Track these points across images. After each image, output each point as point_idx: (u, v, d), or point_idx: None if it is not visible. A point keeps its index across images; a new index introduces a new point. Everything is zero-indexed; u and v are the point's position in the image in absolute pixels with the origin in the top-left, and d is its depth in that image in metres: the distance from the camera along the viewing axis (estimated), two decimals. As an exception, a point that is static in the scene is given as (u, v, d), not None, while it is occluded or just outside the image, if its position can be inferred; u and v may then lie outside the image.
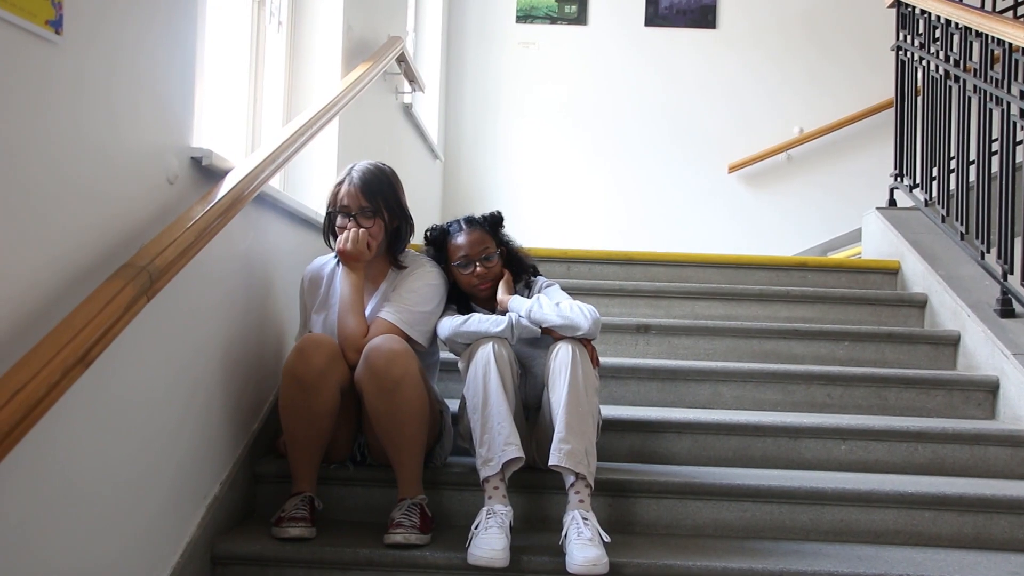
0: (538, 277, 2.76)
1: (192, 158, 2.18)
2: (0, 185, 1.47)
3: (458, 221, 2.67)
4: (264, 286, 2.72)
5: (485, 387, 2.34)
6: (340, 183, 2.55)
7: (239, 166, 2.30)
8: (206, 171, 2.24)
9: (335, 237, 2.56)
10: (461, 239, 2.62)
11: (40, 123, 1.57)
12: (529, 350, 2.57)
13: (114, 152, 1.83)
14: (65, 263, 1.66)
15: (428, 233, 2.70)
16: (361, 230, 2.49)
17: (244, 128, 3.13)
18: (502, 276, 2.65)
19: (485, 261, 2.60)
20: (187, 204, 2.10)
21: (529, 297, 2.60)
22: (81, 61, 1.68)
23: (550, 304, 2.45)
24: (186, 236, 1.89)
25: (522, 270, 2.73)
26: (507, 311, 2.51)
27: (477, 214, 2.69)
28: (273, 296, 2.78)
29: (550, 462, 2.28)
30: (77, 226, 1.70)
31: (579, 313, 2.43)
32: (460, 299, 2.66)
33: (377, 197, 2.52)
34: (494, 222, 2.69)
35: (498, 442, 2.29)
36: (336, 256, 2.59)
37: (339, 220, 2.53)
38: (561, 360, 2.37)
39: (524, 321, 2.45)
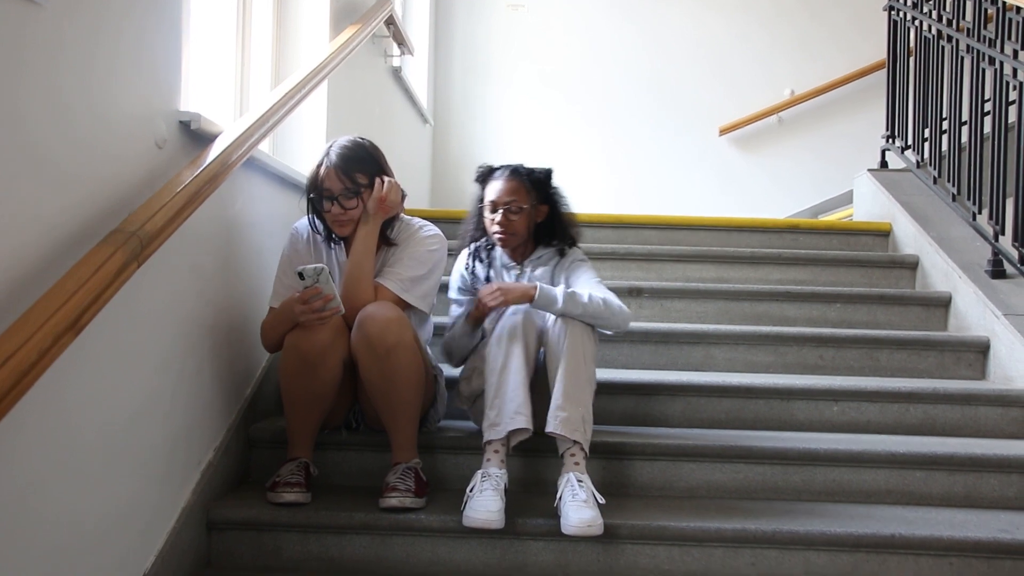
0: (569, 252, 2.70)
1: (180, 122, 2.16)
2: (-14, 149, 1.45)
3: (505, 167, 2.66)
4: (254, 250, 2.71)
5: (508, 352, 2.34)
6: (319, 164, 2.48)
7: (228, 130, 2.28)
8: (195, 135, 2.22)
9: (319, 218, 2.52)
10: (495, 184, 2.62)
11: (25, 86, 1.54)
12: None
13: (101, 116, 1.80)
14: (54, 228, 1.64)
15: (479, 169, 2.70)
16: (393, 180, 2.48)
17: (232, 92, 3.09)
18: (525, 234, 2.64)
19: (509, 212, 2.59)
20: (176, 169, 2.07)
21: (555, 272, 2.62)
22: (64, 23, 1.65)
23: (576, 301, 2.40)
24: (175, 201, 1.87)
25: (561, 236, 2.70)
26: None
27: (529, 166, 2.69)
28: (263, 260, 2.76)
29: (547, 429, 2.28)
30: (65, 191, 1.68)
31: (618, 312, 2.45)
32: (484, 247, 2.69)
33: (359, 175, 2.45)
34: (537, 178, 2.66)
35: (509, 409, 2.28)
36: (319, 229, 2.54)
37: (324, 205, 2.45)
38: (562, 326, 2.37)
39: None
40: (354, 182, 2.44)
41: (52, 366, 1.46)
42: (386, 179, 2.47)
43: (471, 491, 2.23)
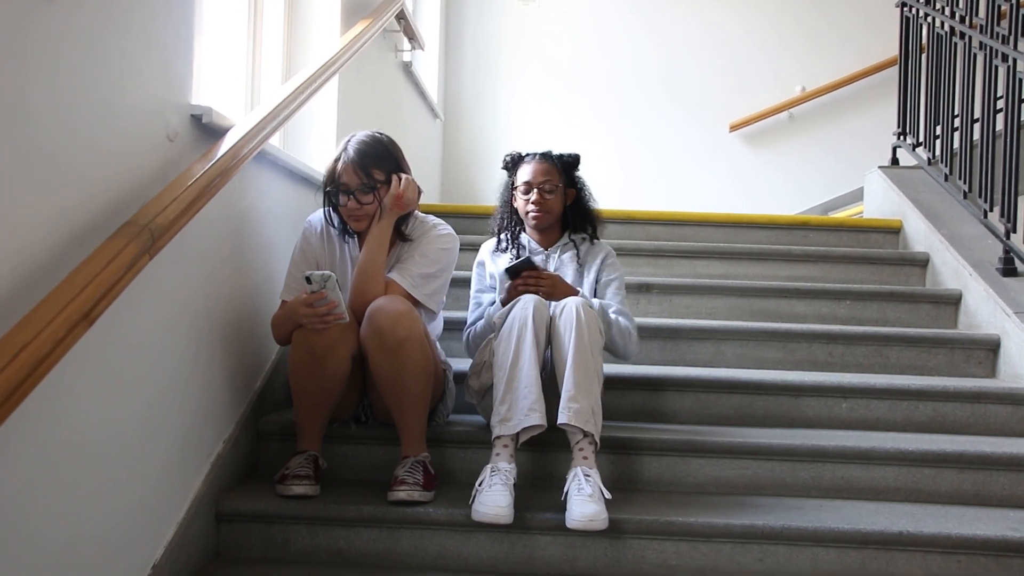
0: (597, 242, 2.81)
1: (192, 116, 2.17)
2: (2, 141, 1.46)
3: (533, 152, 2.79)
4: (265, 244, 2.71)
5: (519, 346, 2.34)
6: (336, 159, 2.49)
7: (239, 124, 2.28)
8: (206, 129, 2.22)
9: (336, 212, 2.53)
10: (528, 167, 2.75)
11: (39, 79, 1.55)
12: None
13: (112, 110, 1.80)
14: (67, 220, 1.65)
15: (506, 157, 2.83)
16: (410, 178, 2.49)
17: (243, 86, 3.10)
18: (557, 215, 2.76)
19: (544, 191, 2.71)
20: (187, 162, 2.08)
21: (582, 258, 2.73)
22: (77, 15, 1.66)
23: (607, 319, 2.56)
24: (187, 194, 1.88)
25: (584, 221, 2.81)
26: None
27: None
28: (274, 253, 2.77)
29: (559, 421, 2.28)
30: (78, 184, 1.69)
31: (633, 343, 2.65)
32: (513, 232, 2.79)
33: (376, 171, 2.46)
34: (566, 161, 2.80)
35: (522, 405, 2.28)
36: (335, 222, 2.56)
37: (340, 199, 2.47)
38: (567, 318, 2.37)
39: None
40: (371, 178, 2.45)
41: (65, 357, 1.47)
42: (403, 176, 2.47)
43: (480, 485, 2.24)
